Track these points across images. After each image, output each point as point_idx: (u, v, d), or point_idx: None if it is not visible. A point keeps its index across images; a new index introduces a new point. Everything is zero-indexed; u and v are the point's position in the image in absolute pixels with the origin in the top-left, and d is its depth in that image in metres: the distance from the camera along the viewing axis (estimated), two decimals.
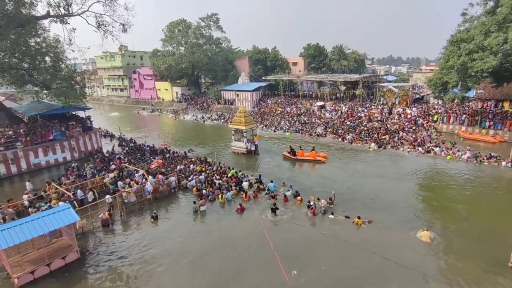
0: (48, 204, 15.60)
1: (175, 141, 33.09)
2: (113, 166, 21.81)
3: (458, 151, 24.28)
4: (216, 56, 57.67)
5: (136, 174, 19.76)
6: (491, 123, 29.08)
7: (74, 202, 15.78)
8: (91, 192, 17.35)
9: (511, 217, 14.95)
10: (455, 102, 33.72)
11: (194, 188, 18.20)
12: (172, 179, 18.59)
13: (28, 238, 10.74)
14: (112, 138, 33.85)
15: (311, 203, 15.64)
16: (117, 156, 25.07)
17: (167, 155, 25.37)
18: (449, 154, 23.81)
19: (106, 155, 26.05)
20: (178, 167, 21.77)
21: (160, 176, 18.55)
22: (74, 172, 21.33)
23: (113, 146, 29.28)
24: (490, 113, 30.41)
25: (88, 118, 29.35)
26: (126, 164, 21.96)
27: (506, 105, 30.91)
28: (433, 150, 25.05)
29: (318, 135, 32.60)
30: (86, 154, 26.54)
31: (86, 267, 11.73)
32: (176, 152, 26.18)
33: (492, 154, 22.90)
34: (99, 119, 45.24)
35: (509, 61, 26.44)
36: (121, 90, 77.45)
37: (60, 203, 15.23)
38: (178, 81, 63.88)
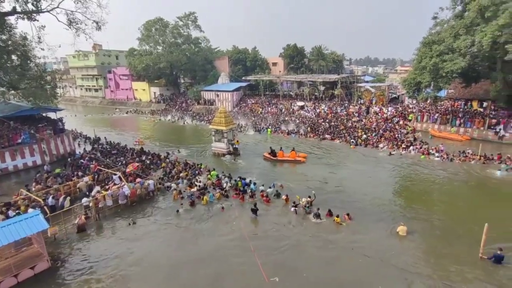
0: (16, 211, 14.69)
1: (154, 141, 32.22)
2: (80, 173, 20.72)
3: (431, 149, 25.18)
4: (195, 56, 56.89)
5: (113, 177, 19.04)
6: (461, 121, 30.53)
7: (45, 208, 14.95)
8: (67, 198, 16.55)
9: (481, 210, 15.68)
10: (428, 101, 35.17)
11: (175, 192, 17.71)
12: (150, 182, 18.04)
13: None
14: (86, 140, 32.44)
15: (296, 203, 15.67)
16: (87, 159, 23.97)
17: (143, 158, 24.54)
18: (423, 153, 24.67)
19: (78, 157, 24.94)
20: (158, 171, 21.20)
21: (138, 179, 17.95)
22: (46, 175, 20.19)
23: (84, 148, 28.14)
24: (460, 112, 31.92)
25: (60, 120, 27.99)
26: (102, 168, 21.09)
27: (475, 104, 32.56)
28: (408, 148, 25.94)
29: (299, 135, 32.89)
30: (58, 158, 25.28)
31: (57, 277, 11.07)
32: (156, 154, 25.44)
33: (467, 152, 23.89)
34: (72, 120, 43.40)
35: (476, 62, 27.91)
36: (96, 90, 74.73)
37: (30, 210, 14.37)
38: (156, 81, 62.51)
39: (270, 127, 36.20)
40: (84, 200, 15.82)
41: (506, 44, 23.53)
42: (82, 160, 23.96)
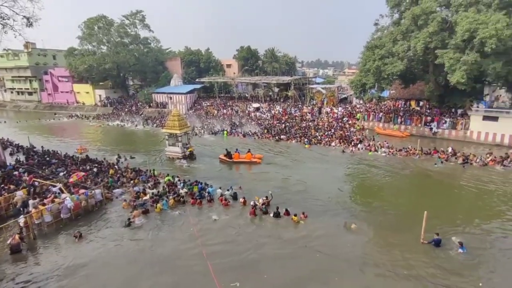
0: None
1: (101, 148, 29.80)
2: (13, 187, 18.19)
3: (379, 146, 26.97)
4: (145, 57, 54.28)
5: (53, 189, 17.09)
6: (402, 119, 33.37)
7: None
8: None
9: (423, 199, 17.24)
10: (373, 101, 37.90)
11: (125, 203, 16.35)
12: (97, 191, 16.52)
13: None
14: (18, 149, 28.76)
15: (255, 203, 15.57)
16: (21, 170, 21.29)
17: (90, 166, 22.50)
18: (370, 150, 26.40)
19: (11, 169, 21.96)
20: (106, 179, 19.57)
21: (82, 191, 16.32)
22: None
23: (17, 159, 24.94)
24: (401, 111, 34.87)
25: None
26: (39, 180, 18.80)
27: (413, 103, 35.84)
28: (357, 145, 27.54)
29: (255, 136, 33.04)
30: None
31: None
32: (106, 162, 23.54)
33: (408, 147, 25.98)
34: (1, 128, 38.35)
35: (412, 65, 30.77)
36: (30, 93, 67.23)
37: None
38: (101, 83, 58.31)
39: (226, 129, 35.85)
40: (21, 217, 13.90)
41: (436, 49, 26.32)
42: (15, 172, 21.15)
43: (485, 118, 28.14)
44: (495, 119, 27.64)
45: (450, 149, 24.95)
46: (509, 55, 24.22)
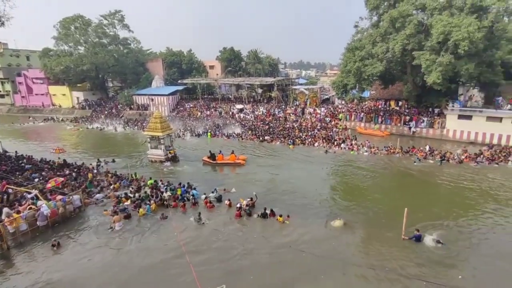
0: None
1: (81, 152, 28.76)
2: None
3: (361, 146, 27.51)
4: (125, 58, 53.00)
5: (28, 196, 16.30)
6: (382, 119, 34.23)
7: None
8: None
9: (405, 197, 17.67)
10: (355, 102, 38.70)
11: (106, 212, 15.78)
12: (76, 197, 15.90)
13: None
14: None
15: (240, 205, 15.47)
16: None
17: (68, 171, 21.68)
18: (353, 149, 26.90)
19: None
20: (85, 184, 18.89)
21: (59, 197, 15.66)
22: None
23: None
24: (381, 111, 35.77)
25: None
26: (13, 186, 17.88)
27: (392, 103, 36.86)
28: (340, 145, 27.98)
29: (239, 138, 32.92)
30: None
31: None
32: (83, 165, 22.76)
33: (389, 146, 26.64)
34: None
35: (391, 66, 31.66)
36: (2, 96, 64.08)
37: None
38: (79, 85, 56.41)
39: (210, 130, 35.54)
40: None
41: (413, 51, 27.20)
42: None
43: (460, 117, 29.32)
44: (469, 117, 28.86)
45: (427, 148, 25.81)
46: (480, 56, 25.39)
